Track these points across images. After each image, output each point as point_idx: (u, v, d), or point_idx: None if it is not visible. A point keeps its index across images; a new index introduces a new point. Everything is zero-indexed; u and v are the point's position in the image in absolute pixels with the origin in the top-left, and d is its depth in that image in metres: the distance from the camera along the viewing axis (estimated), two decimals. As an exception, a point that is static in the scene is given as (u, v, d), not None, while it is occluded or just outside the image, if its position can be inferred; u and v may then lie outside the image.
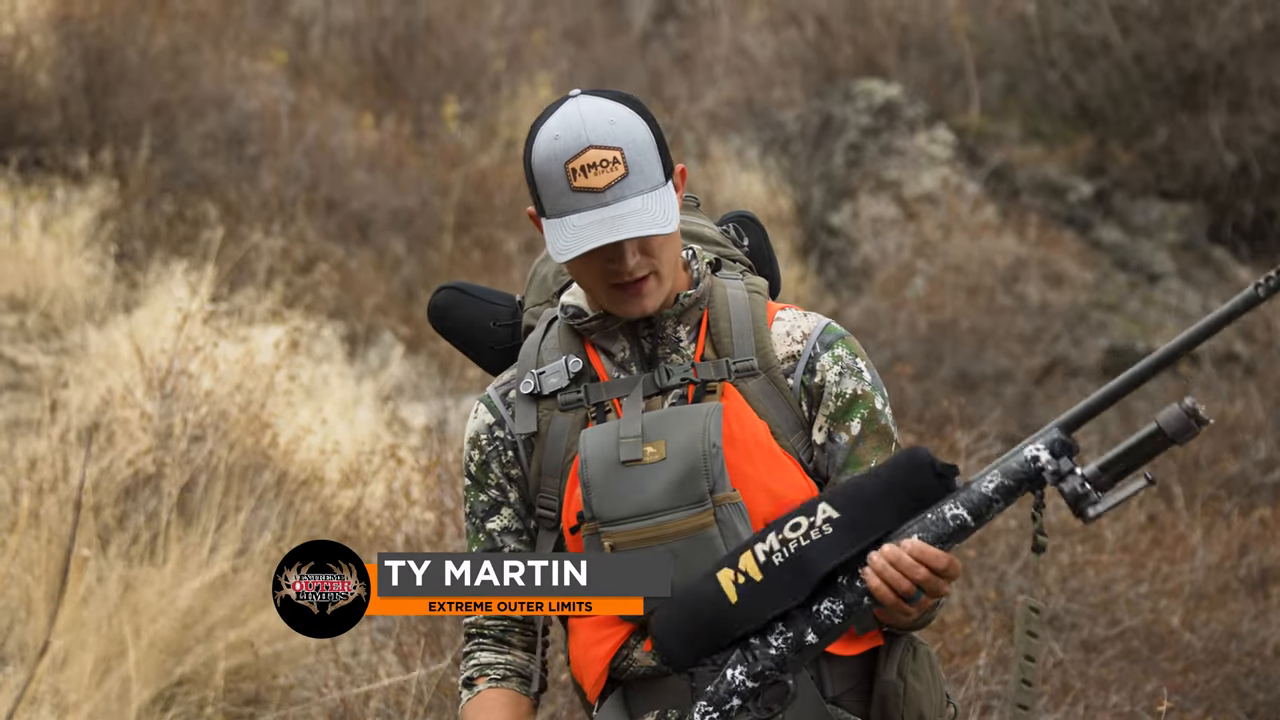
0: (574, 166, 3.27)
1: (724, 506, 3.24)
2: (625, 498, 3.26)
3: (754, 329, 3.40)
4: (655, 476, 3.25)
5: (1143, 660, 7.02)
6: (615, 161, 3.27)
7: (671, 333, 3.40)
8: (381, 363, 11.84)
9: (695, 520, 3.24)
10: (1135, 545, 7.79)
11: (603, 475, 3.27)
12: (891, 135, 17.10)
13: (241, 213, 13.51)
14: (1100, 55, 17.25)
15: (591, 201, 3.26)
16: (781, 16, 19.66)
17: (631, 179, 3.27)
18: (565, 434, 3.39)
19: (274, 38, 17.89)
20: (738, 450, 3.29)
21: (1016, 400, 13.53)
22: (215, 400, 8.13)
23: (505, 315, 3.68)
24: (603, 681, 3.39)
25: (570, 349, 3.43)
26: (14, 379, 10.56)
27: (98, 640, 6.42)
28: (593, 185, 3.27)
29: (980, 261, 14.98)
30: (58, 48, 14.01)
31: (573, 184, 3.27)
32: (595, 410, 3.38)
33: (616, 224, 3.25)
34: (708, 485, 3.24)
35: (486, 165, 15.97)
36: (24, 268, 11.63)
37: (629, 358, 3.41)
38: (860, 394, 3.37)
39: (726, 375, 3.36)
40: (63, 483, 7.21)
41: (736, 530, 3.24)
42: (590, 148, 3.28)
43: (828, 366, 3.38)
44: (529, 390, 3.42)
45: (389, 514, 7.74)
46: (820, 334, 3.41)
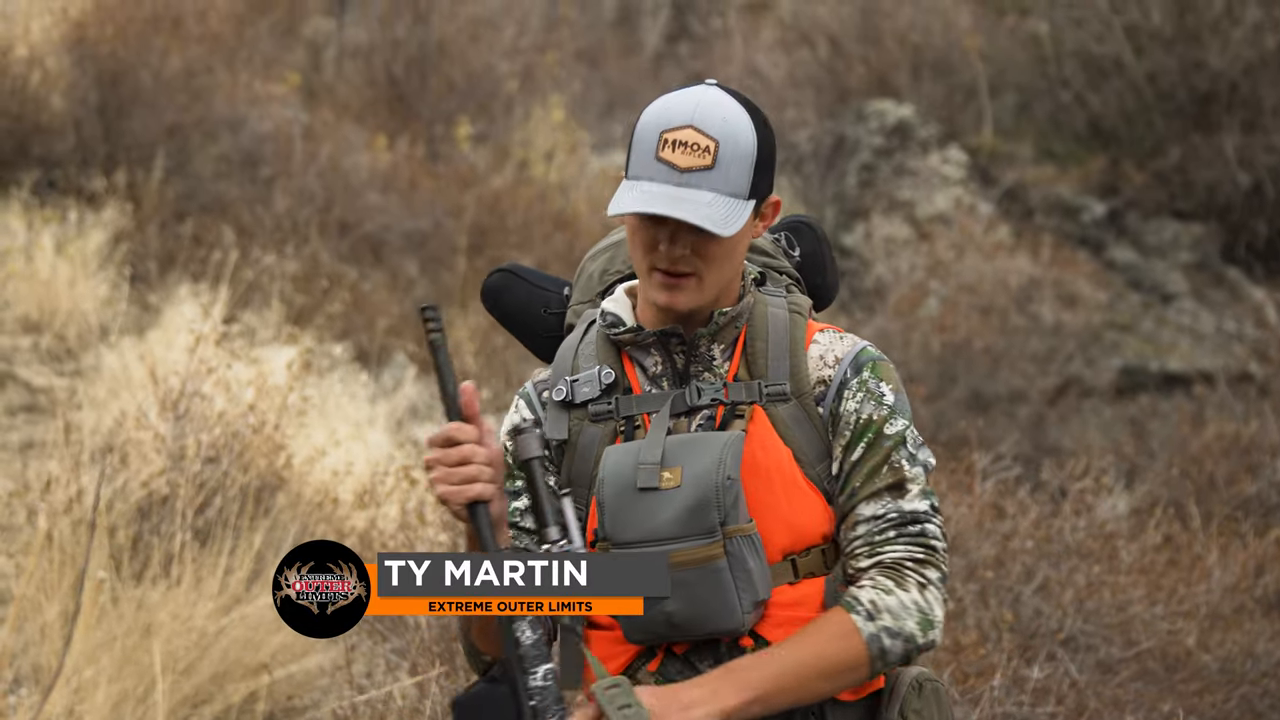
0: (668, 137, 3.25)
1: (734, 539, 3.20)
2: (637, 523, 3.23)
3: (790, 351, 3.35)
4: (669, 504, 3.22)
5: (1159, 681, 7.00)
6: (706, 150, 3.24)
7: (705, 350, 3.36)
8: (395, 384, 11.84)
9: (704, 551, 3.20)
10: (1151, 566, 7.77)
11: (617, 499, 3.25)
12: (904, 155, 17.11)
13: (255, 234, 13.53)
14: (1113, 75, 17.26)
15: (667, 176, 3.23)
16: (794, 37, 19.68)
17: (714, 174, 3.24)
18: (594, 445, 3.36)
19: (287, 60, 17.94)
20: (759, 478, 3.26)
21: (1030, 420, 13.51)
22: (228, 421, 8.13)
23: (556, 303, 3.64)
24: (614, 697, 3.39)
25: (605, 358, 3.41)
26: (28, 400, 10.57)
27: (111, 662, 6.41)
28: (675, 162, 3.24)
29: (994, 282, 14.97)
30: (72, 70, 14.05)
31: (659, 153, 3.24)
32: (625, 424, 3.36)
33: (677, 203, 3.21)
34: (718, 517, 3.19)
35: (500, 186, 15.98)
36: (38, 289, 11.65)
37: (662, 372, 3.38)
38: (875, 419, 3.31)
39: (758, 398, 3.32)
40: (76, 504, 7.20)
41: (746, 564, 3.20)
42: (690, 127, 3.25)
43: (851, 395, 3.32)
44: (561, 398, 3.40)
45: (403, 535, 7.74)
46: (853, 359, 3.35)
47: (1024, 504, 8.00)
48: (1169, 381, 14.86)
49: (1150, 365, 14.95)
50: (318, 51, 18.50)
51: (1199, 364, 15.03)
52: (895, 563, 3.26)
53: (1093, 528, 7.81)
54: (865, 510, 3.29)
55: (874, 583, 3.23)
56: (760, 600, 3.22)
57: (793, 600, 3.28)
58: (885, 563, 3.26)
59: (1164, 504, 9.14)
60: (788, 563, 3.28)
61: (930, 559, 3.27)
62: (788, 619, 3.27)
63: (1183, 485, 9.99)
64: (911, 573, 3.25)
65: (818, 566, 3.30)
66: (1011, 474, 8.94)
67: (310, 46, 18.54)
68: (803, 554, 3.29)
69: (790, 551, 3.28)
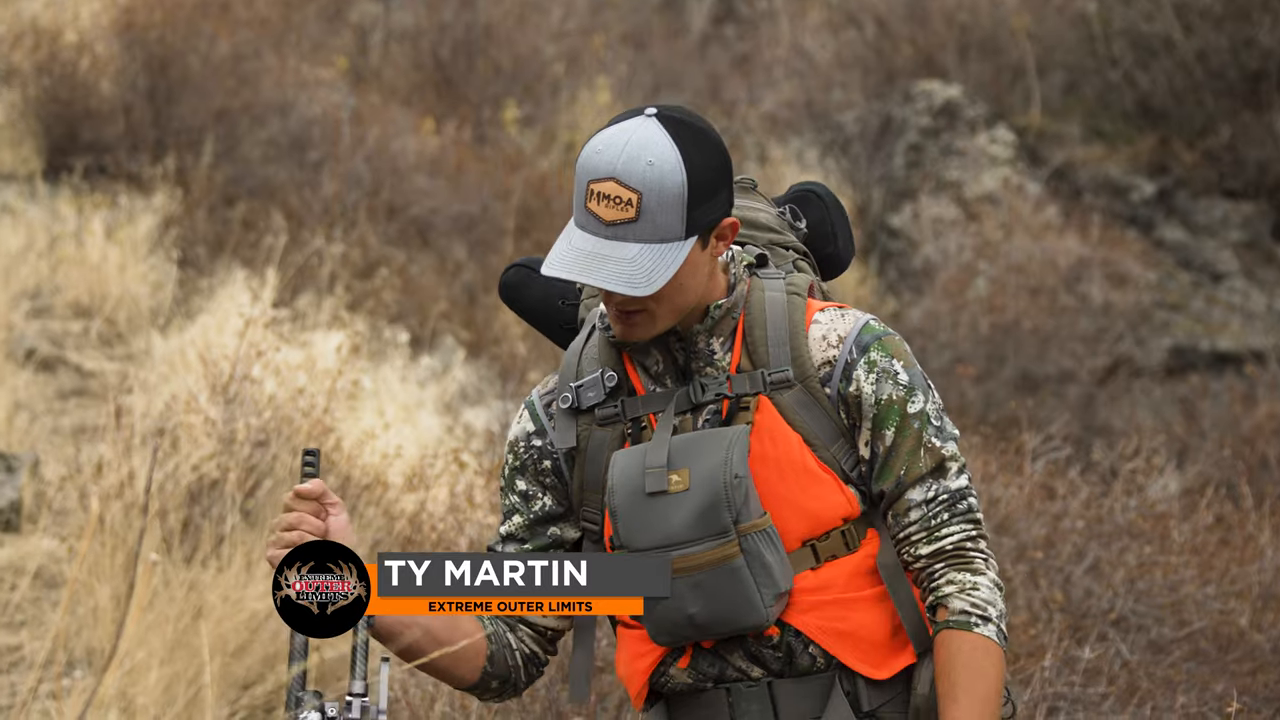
0: (593, 188, 3.23)
1: (749, 536, 3.21)
2: (651, 528, 3.24)
3: (790, 336, 3.34)
4: (679, 507, 3.22)
5: (1211, 661, 6.97)
6: (629, 204, 3.21)
7: (704, 346, 3.35)
8: (444, 367, 11.86)
9: (720, 552, 3.21)
10: (1203, 546, 7.73)
11: (628, 505, 3.26)
12: (952, 136, 17.05)
13: (303, 218, 13.56)
14: (1162, 53, 17.16)
15: (594, 228, 3.23)
16: (841, 18, 19.62)
17: (639, 225, 3.22)
18: (604, 449, 3.37)
19: (335, 44, 17.96)
20: (769, 468, 3.27)
21: (1079, 401, 13.46)
22: (278, 405, 8.16)
23: (573, 294, 3.64)
24: (645, 693, 3.41)
25: (608, 360, 3.40)
26: (79, 385, 10.62)
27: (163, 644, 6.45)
28: (600, 214, 3.23)
29: (1042, 262, 14.91)
30: (121, 55, 14.09)
31: (587, 203, 3.24)
32: (631, 426, 3.36)
33: (597, 264, 3.21)
34: (730, 516, 3.21)
35: (546, 169, 15.98)
36: (88, 275, 11.70)
37: (663, 370, 3.37)
38: (895, 399, 3.32)
39: (761, 388, 3.32)
40: (128, 488, 7.24)
41: (763, 559, 3.21)
42: (612, 180, 3.23)
43: (863, 376, 3.31)
44: (567, 405, 3.40)
45: (452, 518, 7.75)
46: (856, 337, 3.34)
47: (1074, 484, 7.97)
48: (1220, 361, 14.79)
49: (1201, 344, 14.87)
50: (365, 35, 18.52)
51: (1250, 343, 14.95)
52: (957, 547, 3.29)
53: (1144, 508, 7.79)
54: (915, 495, 3.31)
55: (956, 583, 3.27)
56: (782, 592, 3.23)
57: (816, 585, 3.29)
58: (948, 549, 3.29)
59: (1215, 484, 9.11)
60: (808, 549, 3.29)
61: (979, 531, 3.32)
62: (813, 604, 3.28)
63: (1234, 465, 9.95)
64: (974, 553, 3.29)
65: (839, 549, 3.31)
66: (1062, 454, 8.92)
67: (357, 30, 18.56)
68: (822, 538, 3.30)
69: (809, 537, 3.29)
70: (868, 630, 3.30)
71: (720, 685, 3.32)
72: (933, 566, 3.29)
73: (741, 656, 3.31)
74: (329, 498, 3.27)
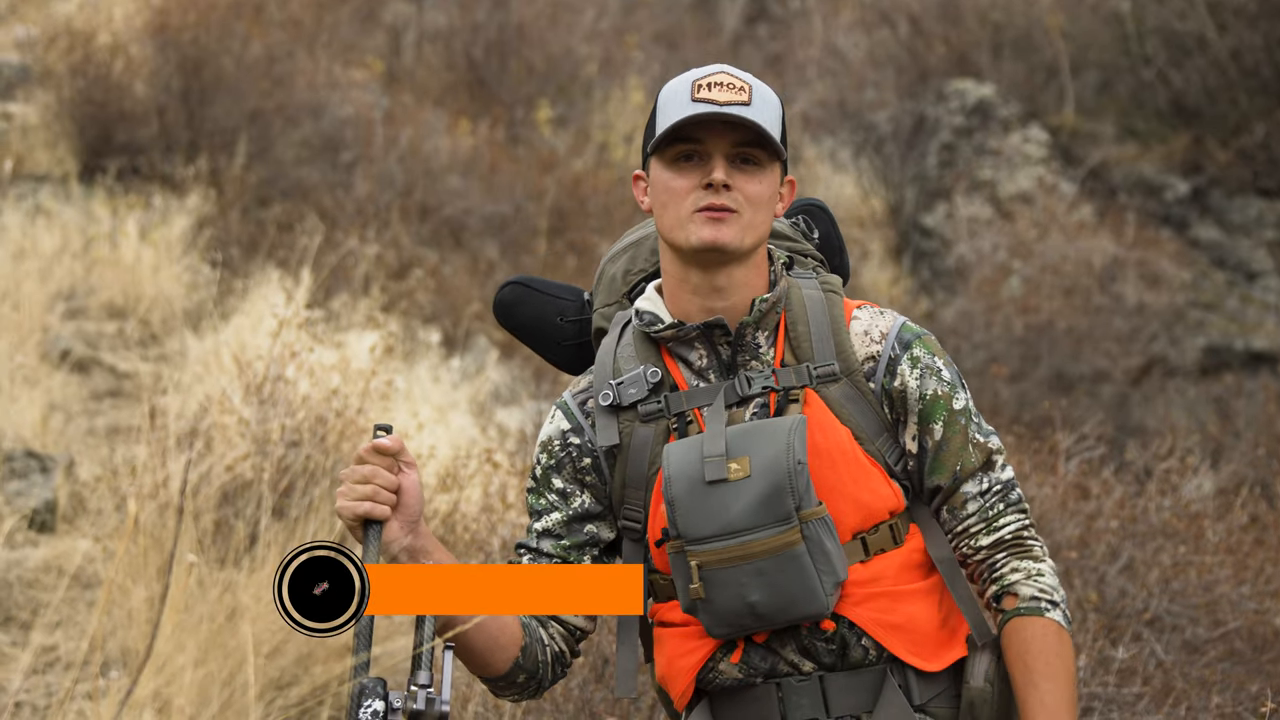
0: (702, 82, 3.27)
1: (810, 523, 3.21)
2: (711, 517, 3.23)
3: (833, 331, 3.37)
4: (740, 495, 3.22)
5: (1246, 661, 6.95)
6: (743, 89, 3.26)
7: (751, 339, 3.36)
8: (477, 368, 11.87)
9: (782, 539, 3.21)
10: (1238, 546, 7.70)
11: (687, 494, 3.24)
12: (985, 135, 17.01)
13: (336, 219, 13.59)
14: (1196, 52, 17.10)
15: (707, 110, 3.26)
16: (873, 17, 19.59)
17: (753, 109, 3.26)
18: (649, 446, 3.37)
19: (367, 45, 17.99)
20: (822, 460, 3.28)
21: (1114, 401, 13.42)
22: (312, 406, 8.17)
23: (572, 310, 3.65)
24: (690, 692, 3.39)
25: (647, 357, 3.40)
26: (114, 386, 10.66)
27: (198, 645, 6.46)
28: (714, 98, 3.25)
29: (1076, 261, 14.88)
30: (154, 57, 14.14)
31: (694, 96, 3.26)
32: (676, 421, 3.36)
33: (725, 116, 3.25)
34: (793, 503, 3.21)
35: (580, 169, 15.99)
36: (123, 275, 11.74)
37: (707, 365, 3.37)
38: (940, 395, 3.36)
39: (808, 381, 3.33)
40: (163, 489, 7.26)
41: (824, 546, 3.22)
42: (723, 72, 3.28)
43: (908, 371, 3.35)
44: (608, 402, 3.39)
45: (485, 518, 7.76)
46: (898, 333, 3.38)
47: (1108, 484, 7.95)
48: (1254, 360, 14.73)
49: (1235, 344, 14.82)
50: (398, 36, 18.55)
51: (1284, 342, 14.91)
52: (1015, 536, 3.35)
53: (1178, 507, 7.76)
54: (970, 489, 3.36)
55: (1021, 570, 3.32)
56: (840, 580, 3.24)
57: (866, 579, 3.30)
58: (1007, 539, 3.35)
59: (1250, 483, 9.06)
60: (858, 541, 3.31)
61: (1030, 520, 3.39)
62: (865, 596, 3.29)
63: (1269, 465, 9.90)
64: (1031, 540, 3.36)
65: (887, 543, 3.32)
66: (1096, 454, 8.89)
67: (390, 31, 18.59)
68: (871, 531, 3.32)
69: (859, 530, 3.31)
70: (918, 623, 3.32)
71: (770, 680, 3.32)
72: (994, 557, 3.34)
73: (794, 650, 3.31)
74: (406, 455, 3.24)
